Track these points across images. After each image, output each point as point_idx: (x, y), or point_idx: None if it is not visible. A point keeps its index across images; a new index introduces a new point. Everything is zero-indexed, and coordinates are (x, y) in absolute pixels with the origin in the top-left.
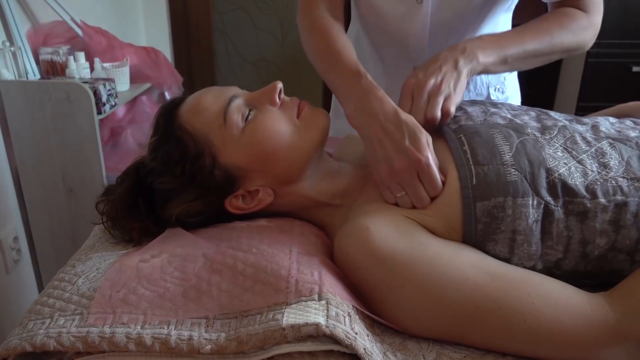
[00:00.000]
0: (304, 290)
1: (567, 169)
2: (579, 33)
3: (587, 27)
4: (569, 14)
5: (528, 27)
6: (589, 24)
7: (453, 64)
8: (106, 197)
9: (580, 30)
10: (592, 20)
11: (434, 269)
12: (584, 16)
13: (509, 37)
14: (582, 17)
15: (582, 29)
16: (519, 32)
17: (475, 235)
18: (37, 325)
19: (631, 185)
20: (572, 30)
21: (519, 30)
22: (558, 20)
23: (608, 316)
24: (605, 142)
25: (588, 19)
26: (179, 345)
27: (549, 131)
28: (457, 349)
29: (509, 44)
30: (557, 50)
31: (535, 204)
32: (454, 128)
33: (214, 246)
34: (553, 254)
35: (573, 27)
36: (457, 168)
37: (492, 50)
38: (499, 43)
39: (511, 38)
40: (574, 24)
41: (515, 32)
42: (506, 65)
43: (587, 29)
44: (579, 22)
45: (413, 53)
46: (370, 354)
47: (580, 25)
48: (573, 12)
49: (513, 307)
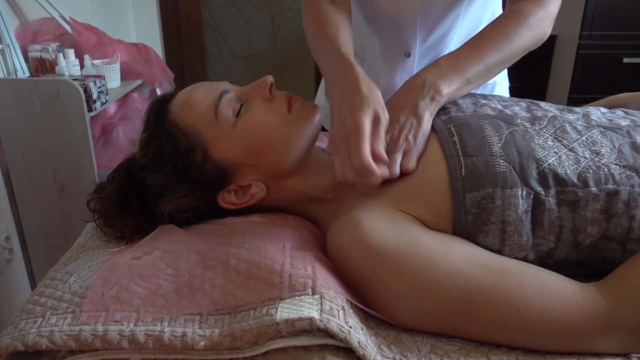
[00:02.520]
0: (298, 284)
1: (558, 158)
2: (536, 27)
3: (543, 18)
4: (523, 11)
5: (484, 37)
6: (545, 14)
7: (412, 110)
8: (97, 195)
9: (537, 23)
10: (548, 10)
11: (426, 262)
12: (538, 7)
13: (467, 56)
14: (537, 9)
15: (539, 21)
16: (476, 47)
17: (466, 226)
18: (29, 324)
19: (623, 174)
20: (530, 26)
21: (475, 44)
22: (513, 20)
23: (600, 306)
24: (596, 131)
25: (543, 10)
26: (173, 342)
27: (539, 121)
28: (452, 341)
29: (468, 64)
30: (519, 52)
31: (524, 194)
32: (444, 119)
33: (207, 242)
34: (545, 244)
35: (530, 23)
36: (446, 159)
37: (453, 76)
38: (457, 66)
39: (469, 56)
40: (530, 20)
41: (472, 48)
42: (470, 85)
43: (543, 20)
44: (535, 16)
45: (404, 27)
46: (365, 347)
47: (537, 18)
48: (526, 7)
49: (506, 298)
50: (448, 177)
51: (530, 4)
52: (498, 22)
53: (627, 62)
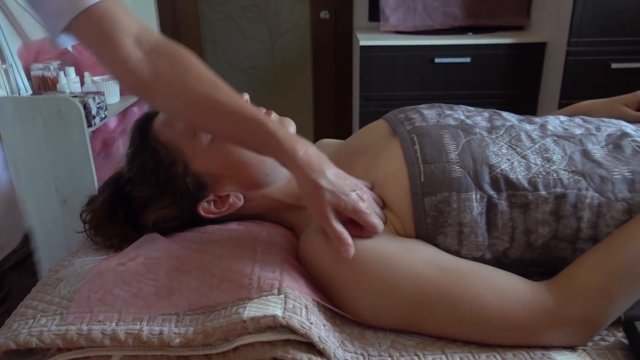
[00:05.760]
0: (265, 285)
1: (510, 164)
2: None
3: None
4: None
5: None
6: None
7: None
8: (89, 207)
9: None
10: None
11: (388, 264)
12: None
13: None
14: None
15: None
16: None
17: (426, 228)
18: (21, 325)
19: (571, 178)
20: None
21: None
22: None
23: (548, 303)
24: (550, 139)
25: None
26: (150, 339)
27: (496, 130)
28: (411, 337)
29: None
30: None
31: (478, 197)
32: (409, 129)
33: (186, 249)
34: (500, 244)
35: None
36: (407, 166)
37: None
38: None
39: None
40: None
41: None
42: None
43: None
44: None
45: None
46: (325, 342)
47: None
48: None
49: (461, 297)
50: (409, 183)
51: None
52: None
53: (616, 68)
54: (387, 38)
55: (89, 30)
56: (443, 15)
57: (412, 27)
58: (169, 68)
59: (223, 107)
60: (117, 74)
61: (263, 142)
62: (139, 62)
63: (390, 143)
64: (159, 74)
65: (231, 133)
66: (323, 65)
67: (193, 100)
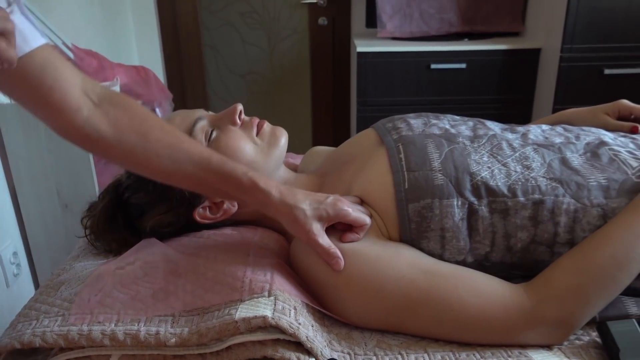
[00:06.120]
0: (256, 288)
1: (490, 172)
2: None
3: None
4: None
5: None
6: None
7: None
8: (89, 213)
9: None
10: None
11: (375, 268)
12: None
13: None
14: None
15: None
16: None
17: (410, 233)
18: (24, 326)
19: (549, 185)
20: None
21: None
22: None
23: (525, 304)
24: (530, 148)
25: None
26: (147, 339)
27: (479, 139)
28: (396, 336)
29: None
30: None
31: (459, 204)
32: (395, 138)
33: (181, 253)
34: (482, 248)
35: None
36: (392, 174)
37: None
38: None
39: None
40: None
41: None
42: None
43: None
44: None
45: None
46: (312, 341)
47: None
48: None
49: (442, 298)
50: (394, 190)
51: None
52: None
53: (608, 74)
54: (384, 44)
55: (26, 80)
56: (439, 22)
57: (408, 34)
58: (127, 119)
59: (191, 157)
60: (62, 126)
61: (235, 188)
62: (92, 114)
63: (378, 151)
64: (118, 126)
65: (199, 182)
66: (321, 71)
67: (159, 151)
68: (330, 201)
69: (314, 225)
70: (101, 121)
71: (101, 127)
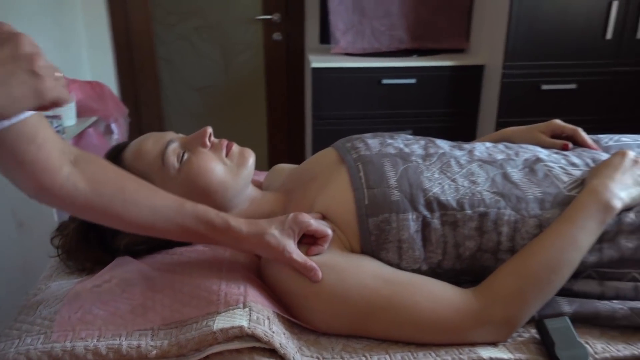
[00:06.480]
0: (232, 300)
1: (441, 187)
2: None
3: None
4: None
5: None
6: None
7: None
8: (60, 232)
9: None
10: None
11: (341, 278)
12: None
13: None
14: None
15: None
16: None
17: (371, 245)
18: (7, 345)
19: (492, 198)
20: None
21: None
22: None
23: (473, 306)
24: (476, 164)
25: None
26: (129, 352)
27: (430, 158)
28: (360, 341)
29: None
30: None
31: (414, 217)
32: (354, 157)
33: (157, 270)
34: (434, 257)
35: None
36: (353, 191)
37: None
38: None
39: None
40: None
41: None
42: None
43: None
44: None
45: None
46: (285, 348)
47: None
48: None
49: (401, 304)
50: (355, 206)
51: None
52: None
53: (545, 89)
54: (338, 60)
55: (18, 139)
56: (390, 39)
57: (361, 50)
58: (102, 174)
59: (168, 204)
60: (42, 186)
61: (211, 229)
62: (71, 172)
63: (339, 170)
64: (96, 181)
65: (178, 228)
66: (276, 85)
67: (138, 201)
68: (291, 218)
69: (286, 244)
70: (80, 178)
71: (80, 185)
